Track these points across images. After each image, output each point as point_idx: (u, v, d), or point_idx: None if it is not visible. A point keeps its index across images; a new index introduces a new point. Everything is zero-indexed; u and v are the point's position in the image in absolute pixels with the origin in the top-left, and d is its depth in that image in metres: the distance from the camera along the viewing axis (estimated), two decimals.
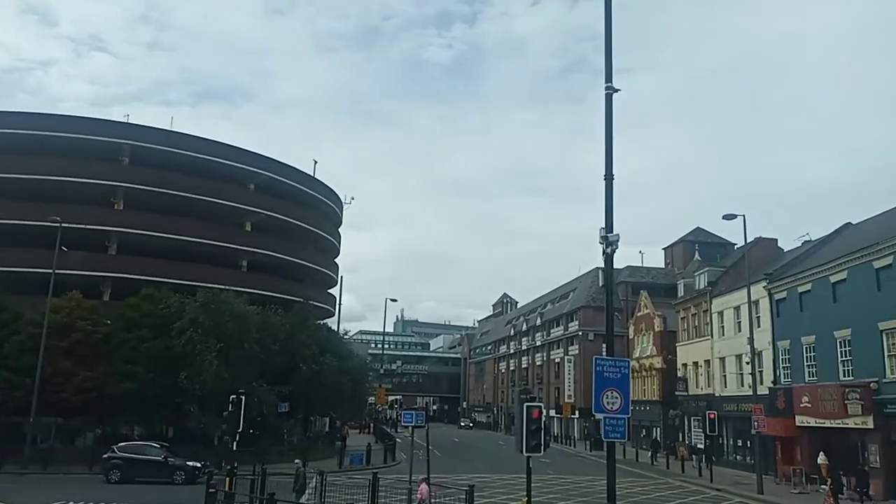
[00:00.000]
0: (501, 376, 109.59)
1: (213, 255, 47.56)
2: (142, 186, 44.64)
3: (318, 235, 57.75)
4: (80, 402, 34.18)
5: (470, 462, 43.21)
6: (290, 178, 53.77)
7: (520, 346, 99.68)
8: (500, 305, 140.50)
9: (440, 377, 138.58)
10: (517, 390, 15.59)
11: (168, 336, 35.52)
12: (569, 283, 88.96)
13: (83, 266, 42.09)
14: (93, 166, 43.58)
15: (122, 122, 47.20)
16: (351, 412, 49.23)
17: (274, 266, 52.08)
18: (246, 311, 37.51)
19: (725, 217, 33.11)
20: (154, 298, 37.79)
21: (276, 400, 37.43)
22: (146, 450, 30.79)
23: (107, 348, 36.13)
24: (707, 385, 47.16)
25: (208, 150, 48.24)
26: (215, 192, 47.63)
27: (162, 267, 44.14)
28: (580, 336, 76.36)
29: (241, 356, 36.39)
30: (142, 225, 44.40)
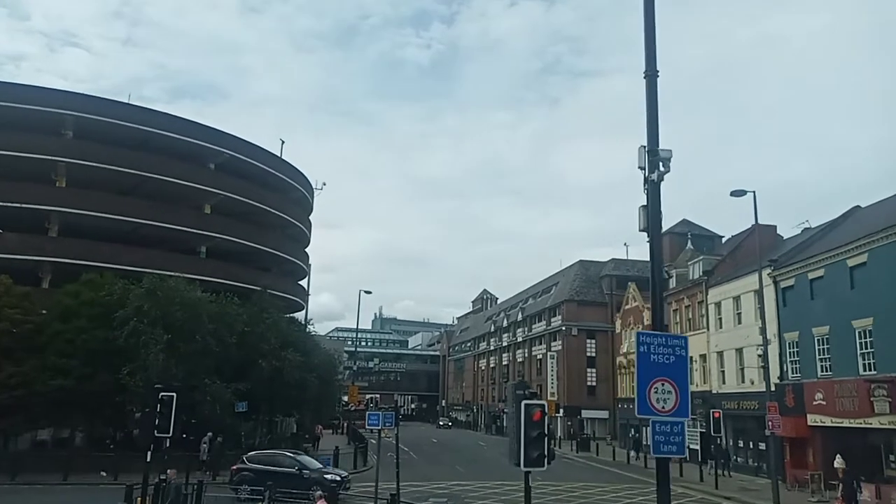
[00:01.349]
0: (481, 374, 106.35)
1: (168, 238, 43.36)
2: (87, 162, 40.22)
3: (287, 222, 53.61)
4: (6, 402, 29.93)
5: (449, 466, 39.62)
6: (254, 157, 49.60)
7: (500, 343, 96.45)
8: (479, 302, 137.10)
9: (418, 375, 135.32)
10: (511, 385, 11.53)
11: (110, 327, 31.52)
12: (551, 277, 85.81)
13: (19, 249, 37.77)
14: (31, 139, 39.06)
15: (64, 91, 42.60)
16: (318, 412, 45.30)
17: (237, 253, 47.95)
18: (198, 298, 33.58)
19: (734, 193, 29.66)
20: (95, 284, 33.69)
21: (232, 399, 33.52)
22: (279, 459, 26.79)
23: (39, 341, 31.94)
24: (703, 381, 44.01)
25: (163, 124, 43.95)
26: (170, 171, 43.34)
27: (109, 251, 39.91)
28: (563, 331, 73.22)
29: (193, 350, 32.53)
30: (86, 205, 40.00)
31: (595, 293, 74.70)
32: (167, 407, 18.14)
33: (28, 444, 36.30)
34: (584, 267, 77.64)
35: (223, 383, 32.83)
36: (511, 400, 12.39)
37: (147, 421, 16.52)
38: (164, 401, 18.18)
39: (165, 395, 18.24)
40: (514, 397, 12.32)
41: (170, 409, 18.14)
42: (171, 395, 18.38)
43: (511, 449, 12.11)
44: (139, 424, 16.92)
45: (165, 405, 18.14)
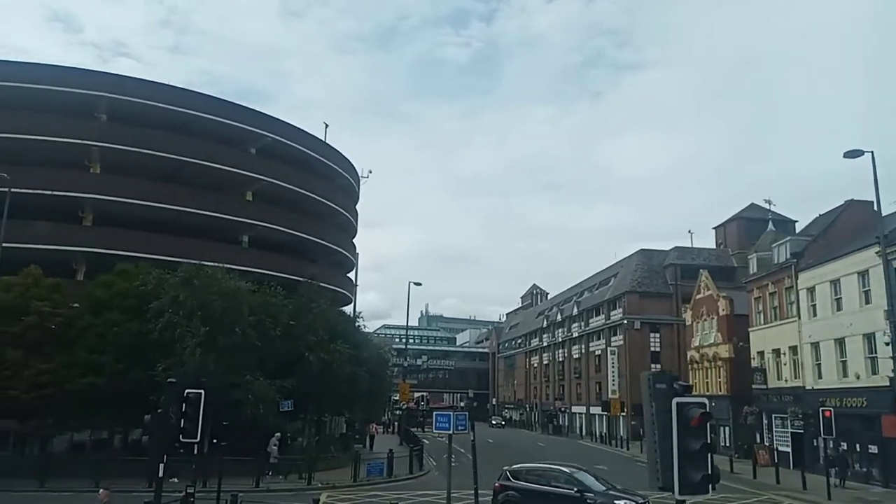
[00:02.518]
0: (533, 371, 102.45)
1: (209, 227, 40.84)
2: (122, 147, 37.94)
3: (333, 210, 50.75)
4: (33, 401, 27.57)
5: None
6: (298, 141, 46.83)
7: (554, 339, 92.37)
8: (529, 297, 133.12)
9: (467, 373, 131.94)
10: (648, 376, 7.35)
11: (144, 320, 28.95)
12: (609, 269, 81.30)
13: (51, 239, 35.60)
14: (62, 123, 36.96)
15: (97, 72, 40.34)
16: (369, 410, 42.26)
17: (281, 243, 45.22)
18: (238, 288, 30.72)
19: (848, 154, 25.37)
20: (129, 275, 31.20)
21: (276, 397, 30.61)
22: (552, 475, 21.53)
23: (69, 335, 29.57)
24: (794, 376, 39.48)
25: (201, 105, 41.46)
26: (210, 155, 40.82)
27: (147, 241, 37.50)
28: (625, 325, 68.82)
29: (233, 343, 29.70)
30: (122, 192, 37.68)
31: (658, 284, 70.08)
32: (194, 407, 15.09)
33: (65, 446, 34.17)
34: (645, 256, 73.03)
35: (266, 380, 29.98)
36: (650, 397, 8.76)
37: (160, 424, 13.32)
38: (191, 400, 15.14)
39: (192, 393, 15.18)
40: (654, 393, 8.69)
41: (197, 410, 15.10)
42: (198, 392, 15.33)
43: (653, 467, 8.50)
44: (150, 428, 13.67)
45: (192, 405, 15.09)
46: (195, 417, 15.03)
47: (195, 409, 15.08)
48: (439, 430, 17.45)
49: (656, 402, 8.56)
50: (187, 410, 14.99)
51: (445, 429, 17.24)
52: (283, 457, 30.89)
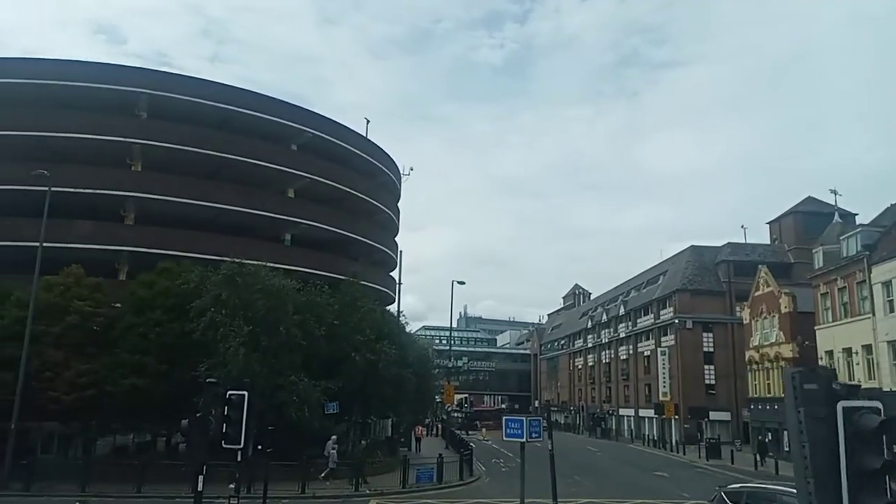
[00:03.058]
0: (578, 372, 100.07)
1: (251, 225, 39.94)
2: (163, 144, 37.27)
3: (375, 207, 49.58)
4: (74, 403, 26.86)
5: (568, 477, 34.08)
6: (339, 137, 45.73)
7: (599, 339, 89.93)
8: (571, 297, 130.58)
9: (508, 374, 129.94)
10: (794, 373, 5.32)
11: (186, 319, 28.06)
12: (657, 266, 78.62)
13: (93, 238, 35.06)
14: (103, 120, 36.41)
15: (137, 68, 39.74)
16: (416, 412, 40.86)
17: (323, 241, 44.14)
18: (281, 286, 29.62)
19: None
20: (171, 273, 30.37)
21: (322, 398, 29.41)
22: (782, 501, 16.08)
23: (110, 335, 28.85)
24: (868, 377, 36.82)
25: (242, 101, 40.57)
26: (252, 152, 39.91)
27: (189, 239, 36.73)
28: (676, 324, 66.11)
29: (277, 343, 28.65)
30: (164, 190, 36.95)
31: (710, 281, 67.29)
32: (237, 410, 13.81)
33: (108, 449, 33.57)
34: (696, 253, 70.25)
35: (311, 381, 28.81)
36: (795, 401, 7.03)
37: (198, 429, 12.01)
38: (233, 402, 13.87)
39: (234, 395, 13.91)
40: (802, 396, 6.95)
41: (240, 413, 13.83)
42: (241, 394, 14.06)
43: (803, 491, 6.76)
44: (186, 433, 12.38)
45: (235, 408, 13.81)
46: (238, 421, 13.77)
47: (238, 413, 13.82)
48: (511, 438, 15.48)
49: (805, 408, 6.76)
50: (230, 414, 13.74)
51: (518, 436, 15.34)
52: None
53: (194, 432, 11.78)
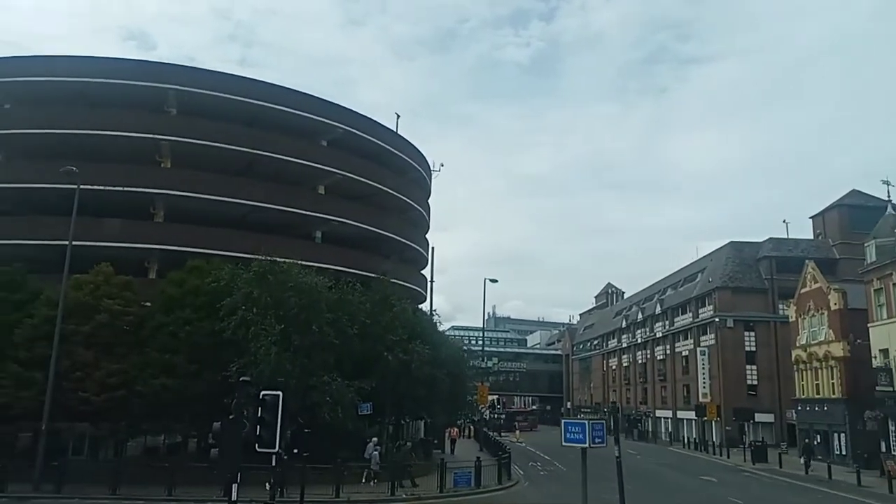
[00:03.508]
0: (612, 373, 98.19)
1: (282, 223, 39.24)
2: (193, 140, 36.76)
3: (406, 204, 48.65)
4: (104, 404, 26.27)
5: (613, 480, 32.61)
6: (370, 133, 44.89)
7: (634, 339, 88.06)
8: (603, 297, 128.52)
9: (539, 375, 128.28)
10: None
11: (216, 318, 27.32)
12: (695, 264, 76.52)
13: (123, 237, 34.60)
14: (132, 117, 36.06)
15: (166, 64, 39.30)
16: (449, 413, 39.70)
17: (354, 238, 43.29)
18: (314, 284, 28.72)
19: None
20: (201, 271, 29.70)
21: (355, 399, 28.42)
22: None
23: (140, 335, 28.24)
24: None
25: (271, 96, 39.88)
26: (282, 148, 39.24)
27: (219, 237, 36.15)
28: (716, 323, 64.11)
29: (310, 342, 27.73)
30: (194, 187, 36.40)
31: (752, 278, 65.13)
32: (271, 412, 12.82)
33: (139, 450, 33.04)
34: (736, 249, 68.08)
35: (344, 381, 27.85)
36: None
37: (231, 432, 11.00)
38: (267, 403, 12.89)
39: (268, 396, 12.94)
40: None
41: (275, 415, 12.83)
42: (275, 395, 13.09)
43: None
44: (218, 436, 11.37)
45: (269, 409, 12.82)
46: (273, 424, 12.78)
47: (273, 415, 12.82)
48: (572, 443, 14.13)
49: None
50: (264, 415, 12.75)
51: (579, 441, 14.00)
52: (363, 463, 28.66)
53: (227, 435, 10.76)
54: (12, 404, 25.95)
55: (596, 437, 13.78)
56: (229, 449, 10.48)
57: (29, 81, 36.46)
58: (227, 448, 10.53)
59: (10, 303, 28.35)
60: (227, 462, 10.50)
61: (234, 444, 10.49)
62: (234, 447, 10.45)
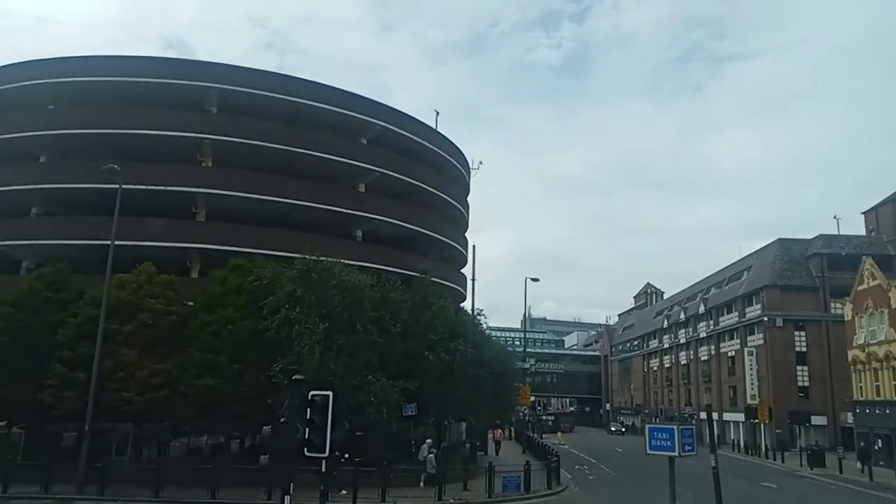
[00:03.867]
0: (653, 374, 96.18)
1: (322, 221, 38.76)
2: (234, 139, 36.51)
3: (445, 202, 47.84)
4: (146, 404, 25.96)
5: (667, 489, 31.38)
6: (409, 130, 44.24)
7: (676, 339, 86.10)
8: (643, 297, 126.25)
9: (577, 376, 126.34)
10: None
11: (259, 316, 26.84)
12: (740, 262, 74.38)
13: (164, 236, 34.46)
14: (173, 116, 35.97)
15: (206, 62, 38.96)
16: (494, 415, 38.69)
17: (393, 237, 42.64)
18: (357, 282, 28.07)
19: None
20: (244, 270, 29.28)
21: (399, 400, 27.68)
22: None
23: (183, 334, 27.89)
24: None
25: (311, 94, 39.45)
26: (321, 146, 38.77)
27: (260, 236, 35.82)
28: (765, 322, 62.11)
29: (354, 342, 27.05)
30: (235, 186, 36.09)
31: (802, 276, 63.00)
32: (321, 414, 12.08)
33: (182, 451, 32.81)
34: (784, 246, 65.93)
35: (388, 381, 27.13)
36: None
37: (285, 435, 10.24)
38: (317, 404, 12.15)
39: (318, 396, 12.20)
40: None
41: (325, 417, 12.09)
42: (324, 395, 12.35)
43: None
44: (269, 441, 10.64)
45: (318, 411, 12.08)
46: (322, 426, 12.04)
47: (322, 416, 12.08)
48: (657, 451, 12.86)
49: None
50: (313, 417, 12.03)
51: (667, 449, 12.61)
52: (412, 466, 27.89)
53: (279, 440, 9.99)
54: (56, 404, 25.81)
55: (686, 445, 12.39)
56: (282, 455, 9.67)
57: (71, 82, 36.63)
58: (280, 454, 9.72)
59: (55, 302, 28.27)
60: (279, 469, 9.69)
61: (286, 449, 9.69)
62: (286, 453, 9.65)
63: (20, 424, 29.82)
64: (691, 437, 12.43)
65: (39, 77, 37.30)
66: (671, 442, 11.96)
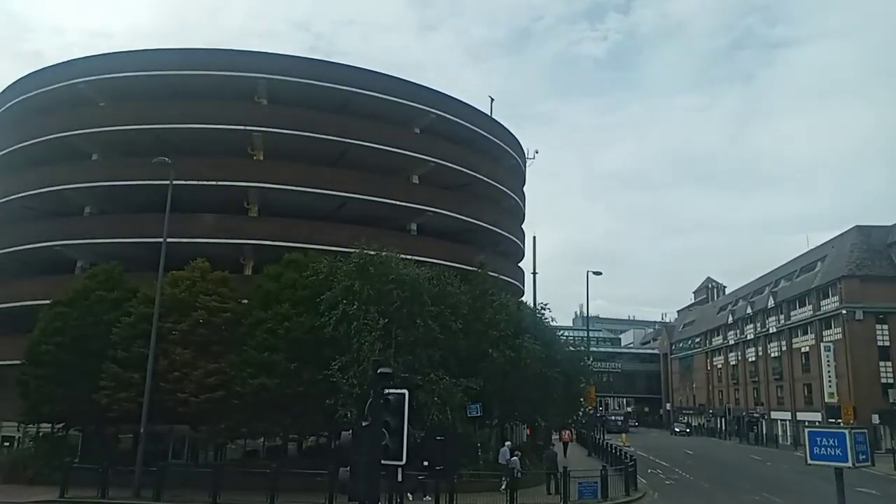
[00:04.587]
0: (717, 372, 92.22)
1: (376, 215, 37.37)
2: (285, 131, 35.41)
3: (501, 193, 45.92)
4: (202, 405, 24.87)
5: (753, 492, 28.89)
6: (463, 118, 42.50)
7: (743, 335, 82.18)
8: (703, 292, 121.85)
9: (635, 375, 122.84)
10: None
11: (316, 312, 25.57)
12: (813, 251, 70.27)
13: (216, 232, 33.55)
14: (224, 109, 35.07)
15: (254, 52, 37.72)
16: (563, 416, 36.62)
17: (448, 230, 40.95)
18: (416, 276, 26.56)
19: None
20: (299, 265, 28.11)
21: (463, 399, 25.99)
22: None
23: (237, 332, 26.81)
24: None
25: (361, 82, 38.04)
26: (373, 136, 37.38)
27: (313, 231, 34.75)
28: (843, 316, 58.22)
29: (414, 338, 25.55)
30: (288, 179, 34.99)
31: (883, 265, 59.00)
32: (397, 416, 10.40)
33: (238, 454, 31.76)
34: (862, 234, 61.86)
35: (451, 380, 25.47)
36: None
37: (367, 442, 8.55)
38: (391, 405, 10.46)
39: (392, 395, 10.52)
40: None
41: (401, 420, 10.42)
42: (399, 394, 10.67)
43: None
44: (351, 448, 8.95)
45: (393, 413, 10.40)
46: (399, 430, 10.37)
47: (398, 419, 10.41)
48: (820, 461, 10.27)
49: None
50: (388, 420, 10.36)
51: (837, 458, 9.85)
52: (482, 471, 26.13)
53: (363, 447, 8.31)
54: (112, 406, 24.96)
55: (860, 454, 9.74)
56: (368, 466, 7.97)
57: (120, 78, 36.16)
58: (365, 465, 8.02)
59: (108, 301, 27.62)
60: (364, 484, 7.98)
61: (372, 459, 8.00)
62: (373, 463, 7.96)
63: (77, 426, 29.14)
64: (864, 442, 10.01)
65: (89, 74, 36.98)
66: (842, 450, 9.53)
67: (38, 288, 34.09)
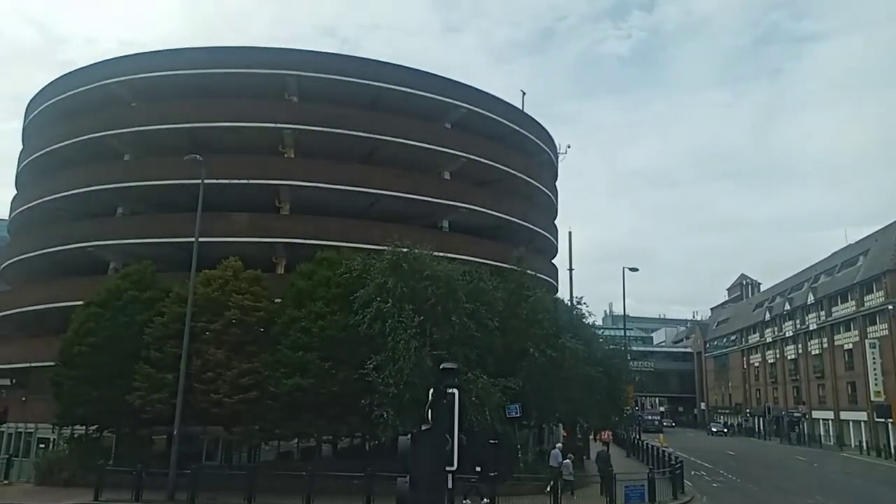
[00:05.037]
0: (754, 371, 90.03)
1: (408, 212, 36.68)
2: (316, 128, 34.91)
3: (534, 188, 44.90)
4: (236, 406, 24.41)
5: (805, 494, 27.62)
6: (495, 112, 41.61)
7: (781, 333, 79.93)
8: (737, 289, 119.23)
9: (668, 375, 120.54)
10: None
11: (350, 310, 24.99)
12: (854, 245, 68.02)
13: (249, 231, 33.17)
14: (254, 107, 34.70)
15: (283, 49, 37.08)
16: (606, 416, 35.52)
17: (481, 226, 40.10)
18: (450, 272, 25.82)
19: None
20: (331, 262, 27.58)
21: (502, 400, 25.16)
22: None
23: (271, 331, 26.34)
24: None
25: (391, 77, 37.43)
26: (404, 132, 36.69)
27: (345, 228, 34.08)
28: (889, 311, 56.09)
29: (449, 336, 24.82)
30: (320, 177, 34.42)
31: None
32: (446, 415, 9.65)
33: (272, 456, 31.33)
34: None
35: (489, 379, 24.68)
36: None
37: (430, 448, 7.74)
38: (441, 402, 9.72)
39: (449, 392, 9.78)
40: None
41: (451, 419, 9.66)
42: (452, 391, 9.93)
43: None
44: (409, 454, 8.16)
45: (444, 413, 9.64)
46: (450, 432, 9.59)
47: (449, 419, 9.64)
48: None
49: None
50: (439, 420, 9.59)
51: None
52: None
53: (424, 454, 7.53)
54: (145, 407, 24.62)
55: None
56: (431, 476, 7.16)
57: (151, 77, 36.01)
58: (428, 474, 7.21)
59: (140, 301, 27.36)
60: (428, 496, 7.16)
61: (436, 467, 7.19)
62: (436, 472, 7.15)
63: (110, 428, 28.93)
64: None
65: (120, 75, 36.88)
66: None
67: (71, 289, 34.02)
